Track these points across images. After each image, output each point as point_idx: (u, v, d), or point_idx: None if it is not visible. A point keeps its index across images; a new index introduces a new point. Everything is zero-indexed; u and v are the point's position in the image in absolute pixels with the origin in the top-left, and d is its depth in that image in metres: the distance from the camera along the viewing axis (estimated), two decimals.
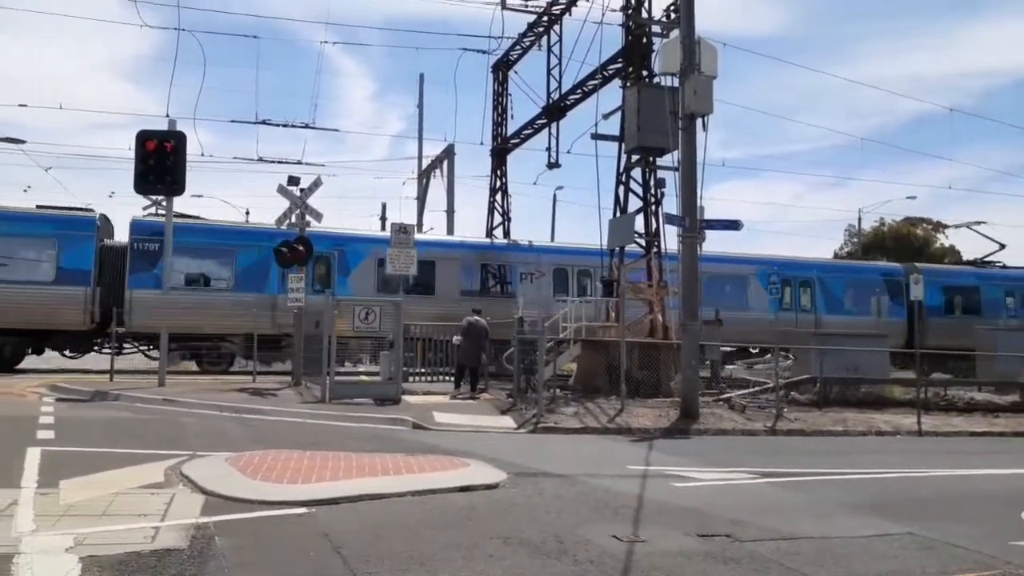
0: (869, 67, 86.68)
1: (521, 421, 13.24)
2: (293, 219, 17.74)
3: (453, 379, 17.34)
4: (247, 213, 40.10)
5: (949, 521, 7.17)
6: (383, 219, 40.45)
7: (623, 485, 8.27)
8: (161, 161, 15.41)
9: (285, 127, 26.15)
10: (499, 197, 26.29)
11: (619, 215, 18.65)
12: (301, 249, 17.35)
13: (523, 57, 25.45)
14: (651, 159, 18.60)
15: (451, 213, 32.25)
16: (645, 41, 19.07)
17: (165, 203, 16.88)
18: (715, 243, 15.60)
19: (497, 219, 26.14)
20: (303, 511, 6.53)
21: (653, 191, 18.64)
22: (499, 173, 26.45)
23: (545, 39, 24.05)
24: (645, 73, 18.87)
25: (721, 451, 11.55)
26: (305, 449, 9.26)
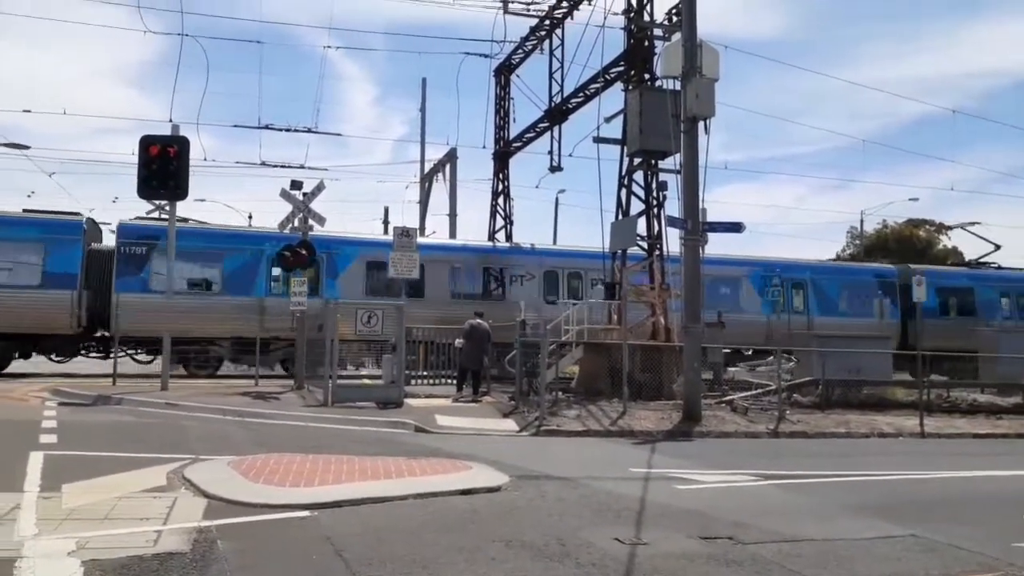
0: (871, 69, 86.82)
1: (523, 424, 13.25)
2: (296, 223, 17.77)
3: (455, 382, 17.36)
4: (250, 217, 40.27)
5: (952, 523, 7.16)
6: (386, 223, 40.58)
7: (625, 488, 8.26)
8: (164, 166, 15.46)
9: (288, 131, 26.11)
10: (501, 201, 26.31)
11: (621, 218, 18.66)
12: (304, 253, 17.41)
13: (525, 61, 25.50)
14: (653, 162, 18.60)
15: (453, 217, 32.34)
16: (647, 44, 19.07)
17: (168, 207, 16.92)
18: (707, 245, 15.53)
19: (500, 222, 26.19)
20: (305, 515, 6.53)
21: (655, 194, 18.65)
22: (501, 177, 26.48)
23: (547, 43, 24.06)
24: (647, 76, 18.87)
25: (723, 453, 11.55)
26: (307, 453, 9.26)
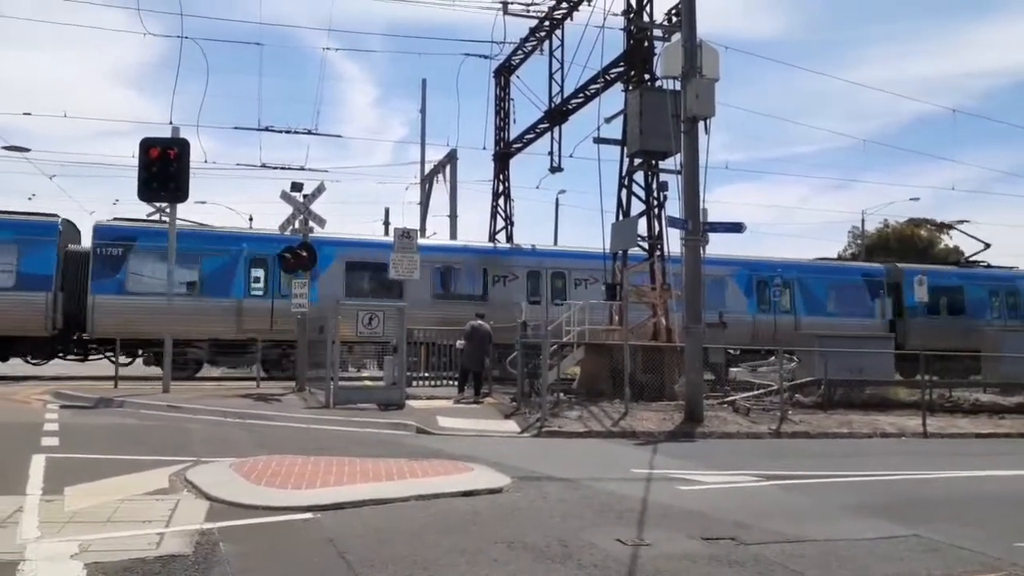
0: (872, 69, 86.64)
1: (525, 425, 13.24)
2: (297, 225, 17.77)
3: (457, 383, 17.36)
4: (251, 219, 40.32)
5: (955, 523, 7.15)
6: (386, 224, 40.61)
7: (627, 489, 8.25)
8: (165, 168, 15.48)
9: (288, 133, 26.14)
10: (502, 201, 26.33)
11: (622, 218, 18.65)
12: (304, 255, 17.41)
13: (525, 62, 25.53)
14: (653, 162, 18.61)
15: (454, 218, 32.31)
16: (647, 45, 19.08)
17: (169, 210, 16.94)
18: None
19: (500, 223, 26.20)
20: (307, 516, 6.53)
21: (656, 194, 18.65)
22: (502, 177, 26.50)
23: (547, 44, 24.10)
24: (647, 76, 18.88)
25: (725, 454, 11.53)
26: (309, 454, 9.25)
